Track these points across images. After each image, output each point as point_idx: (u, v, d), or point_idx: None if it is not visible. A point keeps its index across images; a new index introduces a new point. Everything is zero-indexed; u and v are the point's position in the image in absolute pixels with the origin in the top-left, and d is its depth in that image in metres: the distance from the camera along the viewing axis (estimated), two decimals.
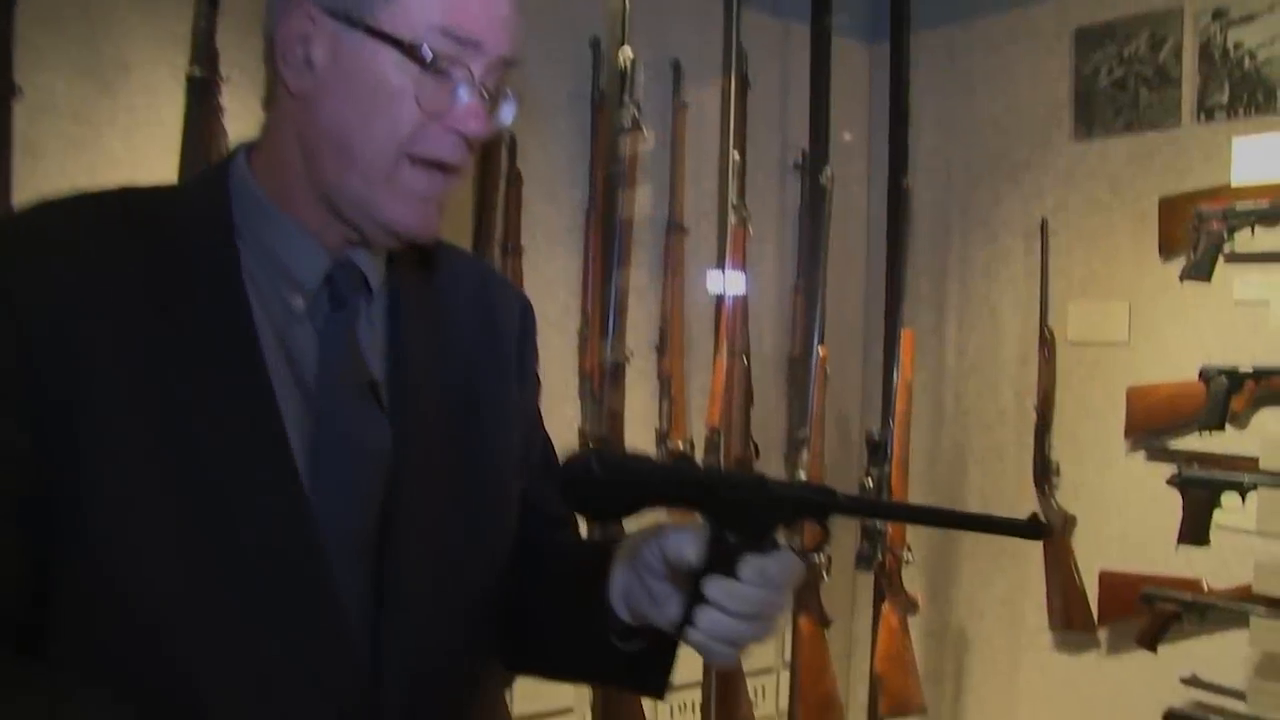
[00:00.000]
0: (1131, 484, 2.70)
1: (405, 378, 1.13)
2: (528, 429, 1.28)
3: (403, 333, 1.15)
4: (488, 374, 1.22)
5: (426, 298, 1.19)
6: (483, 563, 1.20)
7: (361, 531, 1.08)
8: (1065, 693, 2.85)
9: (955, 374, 3.09)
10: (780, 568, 1.04)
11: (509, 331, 1.27)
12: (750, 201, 2.87)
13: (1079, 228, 2.81)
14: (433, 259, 1.23)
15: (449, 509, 1.14)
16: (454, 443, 1.16)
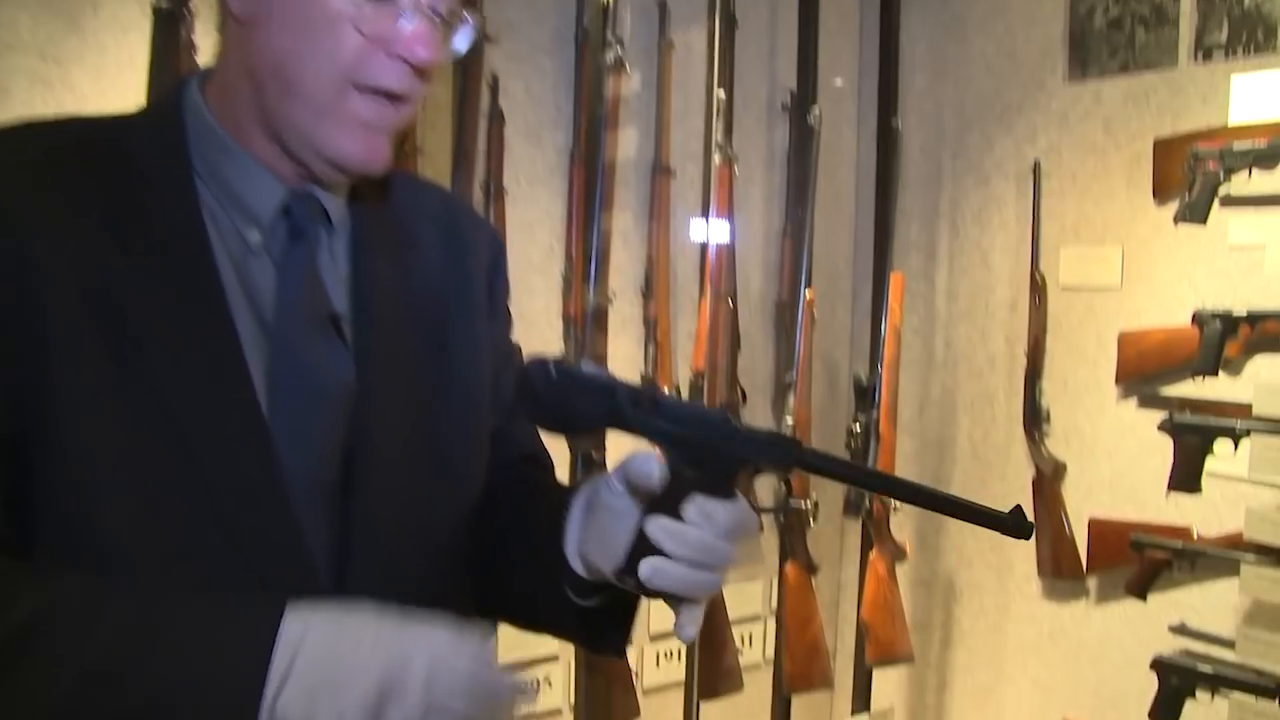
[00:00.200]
0: (1122, 430, 2.67)
1: (369, 311, 1.10)
2: (499, 364, 1.25)
3: (366, 265, 1.12)
4: (456, 307, 1.19)
5: (391, 229, 1.16)
6: (452, 502, 1.17)
7: (326, 469, 1.05)
8: (1054, 641, 2.83)
9: (945, 319, 3.05)
10: (729, 515, 1.00)
11: (477, 263, 1.23)
12: (738, 144, 2.81)
13: (1072, 171, 2.76)
14: (397, 190, 1.19)
15: (416, 446, 1.11)
16: (421, 377, 1.13)
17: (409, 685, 0.90)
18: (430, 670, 0.91)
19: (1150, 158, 2.57)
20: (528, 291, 2.54)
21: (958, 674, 3.05)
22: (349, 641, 0.91)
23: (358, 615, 0.93)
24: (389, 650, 0.91)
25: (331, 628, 0.91)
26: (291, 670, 0.89)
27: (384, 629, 0.92)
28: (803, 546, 2.57)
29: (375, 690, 0.89)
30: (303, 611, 0.92)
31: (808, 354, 2.56)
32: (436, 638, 0.93)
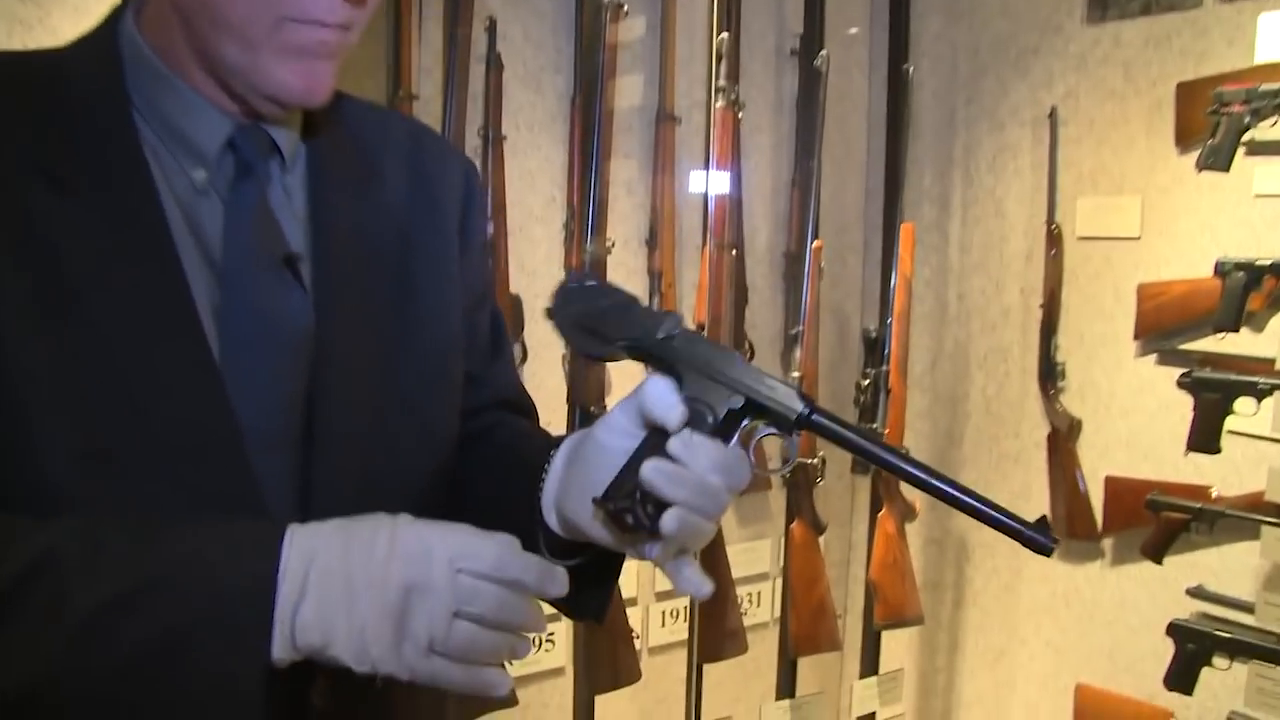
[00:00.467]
0: (1140, 386, 2.58)
1: (328, 249, 1.03)
2: (473, 304, 1.18)
3: (325, 201, 1.05)
4: (424, 243, 1.11)
5: (352, 162, 1.08)
6: (422, 453, 1.10)
7: (285, 420, 0.99)
8: (1068, 603, 2.76)
9: (958, 271, 2.96)
10: (721, 456, 0.93)
11: (448, 195, 1.15)
12: (745, 91, 2.72)
13: (1090, 117, 2.65)
14: (358, 119, 1.12)
15: (382, 393, 1.05)
16: (386, 320, 1.06)
17: (434, 580, 0.85)
18: (454, 560, 0.86)
19: (1172, 103, 2.47)
20: (528, 241, 2.47)
21: (969, 635, 2.99)
22: (362, 546, 0.86)
23: (369, 520, 0.88)
24: (408, 548, 0.86)
25: (342, 535, 0.87)
26: (307, 584, 0.84)
27: (399, 529, 0.87)
28: (809, 505, 2.50)
29: (398, 592, 0.84)
30: (308, 526, 0.88)
31: (815, 306, 2.47)
32: (456, 530, 0.88)
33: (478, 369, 1.18)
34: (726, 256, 2.37)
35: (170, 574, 0.85)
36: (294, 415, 0.99)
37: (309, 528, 0.88)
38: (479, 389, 1.19)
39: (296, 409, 0.99)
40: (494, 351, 1.23)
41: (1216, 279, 2.22)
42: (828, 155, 2.96)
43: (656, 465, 0.91)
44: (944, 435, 3.00)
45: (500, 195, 2.32)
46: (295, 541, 0.86)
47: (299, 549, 0.85)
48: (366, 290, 1.05)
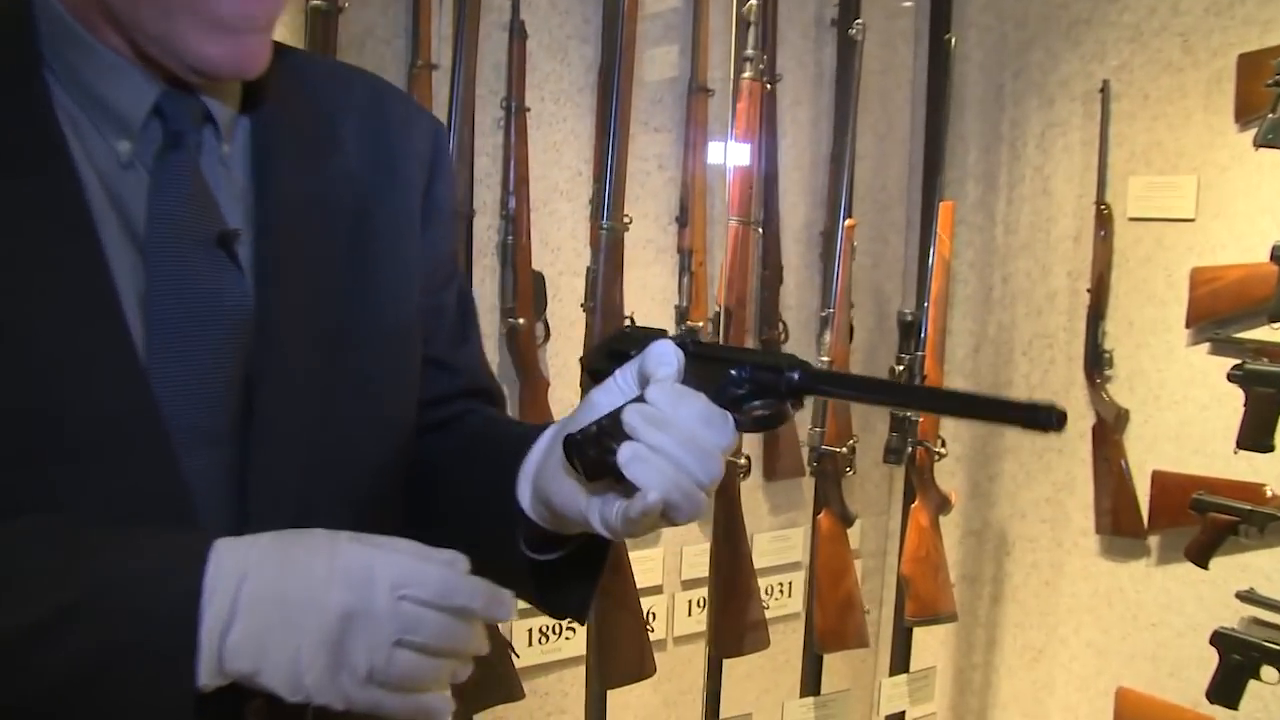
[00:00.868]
0: (1192, 377, 2.45)
1: (273, 225, 0.94)
2: (438, 282, 1.09)
3: (270, 174, 0.96)
4: (383, 218, 1.02)
5: (305, 127, 0.99)
6: (376, 448, 1.01)
7: (218, 414, 0.90)
8: (1110, 602, 2.64)
9: (1003, 252, 2.83)
10: (704, 407, 0.85)
11: (412, 162, 1.06)
12: (784, 63, 2.63)
13: (1144, 91, 2.51)
14: (313, 80, 1.03)
15: (330, 383, 0.96)
16: (336, 302, 0.97)
17: (376, 607, 0.78)
18: (396, 585, 0.79)
19: (1233, 76, 2.33)
20: (553, 216, 2.39)
21: (1007, 632, 2.87)
22: (299, 568, 0.79)
23: (307, 537, 0.81)
24: (349, 572, 0.79)
25: (277, 554, 0.80)
26: (236, 607, 0.77)
27: (339, 549, 0.80)
28: (837, 495, 2.40)
29: (336, 619, 0.77)
30: (239, 541, 0.80)
31: (846, 287, 2.37)
32: (400, 550, 0.82)
33: (444, 353, 1.10)
34: (752, 234, 2.27)
35: (91, 598, 0.77)
36: (229, 408, 0.90)
37: (239, 543, 0.80)
38: (445, 376, 1.11)
39: (232, 401, 0.91)
40: (461, 334, 1.15)
41: (1274, 265, 2.07)
42: (870, 130, 2.86)
43: (638, 407, 0.85)
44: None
45: (523, 168, 2.25)
46: (223, 559, 0.79)
47: (227, 567, 0.78)
48: (315, 268, 0.96)
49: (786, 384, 0.89)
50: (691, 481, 0.84)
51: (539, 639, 2.42)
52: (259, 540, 0.81)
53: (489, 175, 2.28)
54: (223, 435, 0.90)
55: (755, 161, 2.32)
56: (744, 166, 2.27)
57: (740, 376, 0.89)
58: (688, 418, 0.84)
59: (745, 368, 0.90)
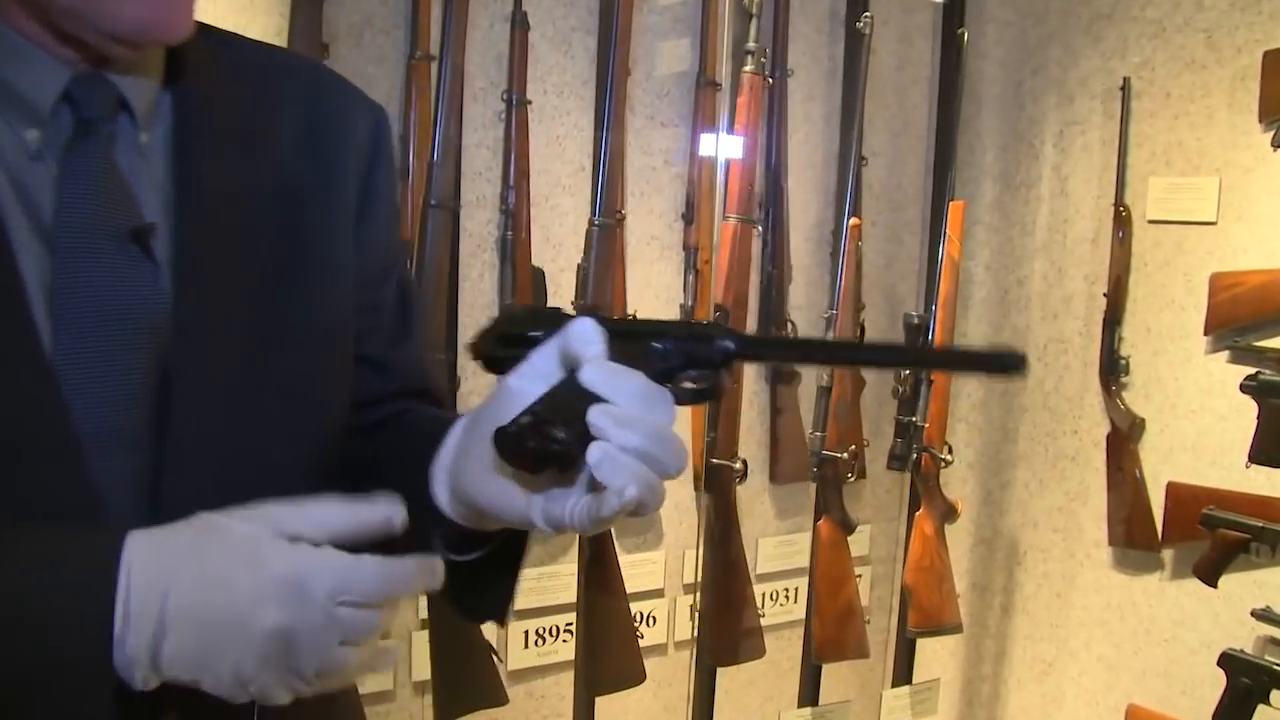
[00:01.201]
0: (1210, 386, 2.37)
1: (195, 219, 0.89)
2: (375, 275, 1.04)
3: (194, 162, 0.90)
4: (315, 211, 0.97)
5: (234, 114, 0.94)
6: (299, 448, 0.95)
7: (130, 414, 0.85)
8: (1123, 616, 2.56)
9: (1019, 254, 2.75)
10: (642, 384, 0.80)
11: (349, 152, 1.01)
12: (796, 58, 2.56)
13: (1166, 89, 2.43)
14: (243, 64, 0.97)
15: (253, 381, 0.91)
16: (264, 296, 0.92)
17: (313, 621, 0.75)
18: (333, 593, 0.75)
19: (1258, 73, 2.25)
20: (555, 211, 2.34)
21: (1017, 644, 2.80)
22: (222, 584, 0.74)
23: (224, 539, 0.77)
24: (278, 584, 0.75)
25: (196, 563, 0.75)
26: (165, 624, 0.73)
27: (265, 558, 0.76)
28: (838, 501, 2.33)
29: (271, 637, 0.74)
30: (150, 544, 0.75)
31: (851, 287, 2.31)
32: (329, 555, 0.77)
33: (380, 352, 1.05)
34: (752, 233, 2.21)
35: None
36: (142, 411, 0.85)
37: (153, 545, 0.75)
38: (381, 375, 1.05)
39: (147, 403, 0.86)
40: (400, 332, 1.09)
41: None
42: (885, 127, 2.79)
43: (604, 408, 0.79)
44: (998, 430, 2.80)
45: (524, 162, 2.20)
46: (138, 571, 0.74)
47: (146, 580, 0.73)
48: (239, 264, 0.91)
49: (720, 353, 0.86)
50: (659, 476, 0.80)
51: (535, 641, 2.38)
52: (174, 540, 0.76)
53: (489, 169, 2.23)
54: (137, 438, 0.85)
55: (754, 157, 2.25)
56: (744, 163, 2.20)
57: (668, 349, 0.85)
58: (628, 398, 0.79)
59: (672, 340, 0.86)
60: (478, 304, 2.20)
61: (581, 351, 0.81)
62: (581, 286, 2.15)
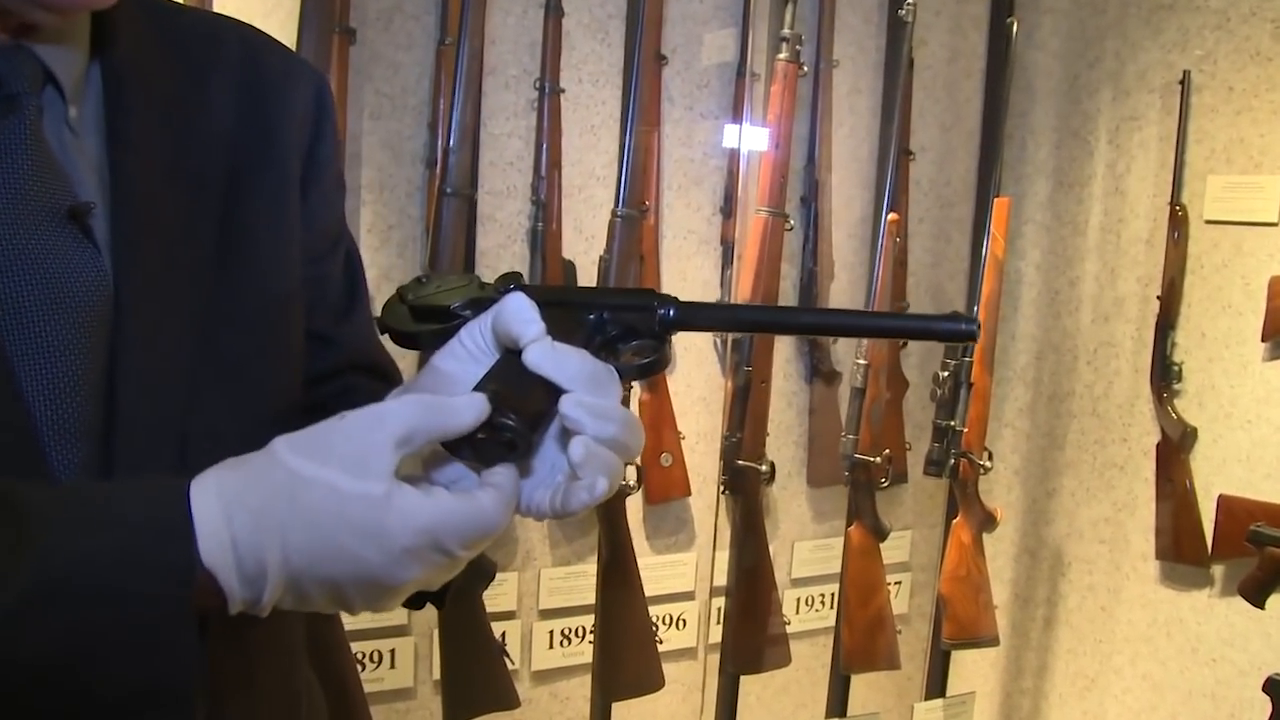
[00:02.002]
0: (1267, 395, 2.27)
1: (131, 195, 0.84)
2: (321, 249, 0.99)
3: (128, 135, 0.85)
4: (258, 179, 0.93)
5: (168, 84, 0.89)
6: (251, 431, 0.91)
7: (77, 402, 0.81)
8: (1169, 633, 2.46)
9: (1070, 254, 2.65)
10: (590, 364, 0.77)
11: (290, 121, 0.96)
12: (842, 49, 2.49)
13: (1228, 84, 2.33)
14: (179, 30, 0.92)
15: (201, 363, 0.86)
16: (207, 274, 0.88)
17: (442, 565, 0.73)
18: (466, 541, 0.72)
19: None
20: (588, 203, 2.29)
21: (1059, 658, 2.71)
22: (349, 553, 0.70)
23: (327, 497, 0.71)
24: (409, 552, 0.71)
25: (309, 531, 0.70)
26: (291, 576, 0.71)
27: (384, 522, 0.71)
28: (870, 507, 2.26)
29: (406, 588, 0.73)
30: (233, 518, 0.70)
31: (886, 284, 2.23)
32: (444, 503, 0.73)
33: (327, 327, 1.01)
34: (781, 226, 2.14)
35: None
36: (90, 398, 0.82)
37: (241, 514, 0.70)
38: (328, 350, 1.01)
39: (95, 391, 0.82)
40: (348, 305, 1.05)
41: None
42: (935, 122, 2.71)
43: (576, 399, 0.76)
44: (1044, 435, 2.71)
45: (555, 152, 2.16)
46: (243, 541, 0.70)
47: (255, 544, 0.70)
48: (181, 242, 0.87)
49: (660, 321, 0.82)
50: (625, 461, 0.79)
51: (560, 642, 2.34)
52: (263, 492, 0.70)
53: (520, 158, 2.19)
54: (88, 427, 0.81)
55: (787, 149, 2.18)
56: (775, 154, 2.13)
57: (605, 320, 0.83)
58: (577, 378, 0.76)
59: (609, 310, 0.82)
60: None
61: (521, 331, 0.78)
62: (603, 278, 2.09)
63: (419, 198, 2.12)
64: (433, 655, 2.20)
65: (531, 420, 0.76)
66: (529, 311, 0.78)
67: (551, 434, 0.80)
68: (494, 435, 0.74)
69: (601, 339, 0.83)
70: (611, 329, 0.83)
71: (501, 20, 2.15)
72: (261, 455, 0.73)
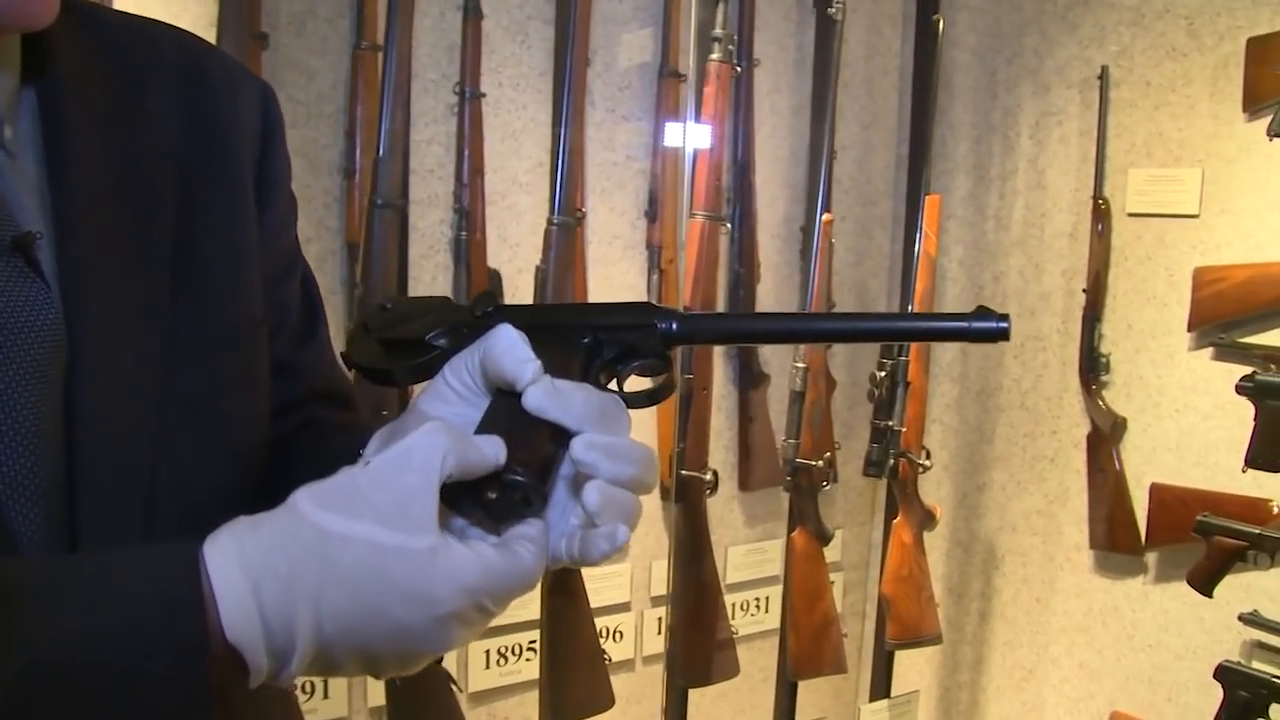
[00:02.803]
0: (1194, 384, 2.30)
1: (76, 221, 0.77)
2: (278, 270, 0.93)
3: (67, 157, 0.78)
4: (209, 196, 0.85)
5: (108, 97, 0.81)
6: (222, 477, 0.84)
7: (36, 456, 0.73)
8: (1105, 622, 2.49)
9: (994, 249, 2.67)
10: (598, 400, 0.72)
11: (240, 132, 0.89)
12: (763, 47, 2.47)
13: (1146, 78, 2.35)
14: (115, 38, 0.84)
15: (160, 407, 0.79)
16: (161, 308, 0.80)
17: (483, 622, 0.68)
18: (506, 598, 0.68)
19: (1241, 61, 2.18)
20: (511, 210, 2.23)
21: (996, 651, 2.72)
22: (392, 619, 0.65)
23: (363, 556, 0.64)
24: (453, 617, 0.66)
25: (344, 591, 0.64)
26: (324, 642, 0.65)
27: (430, 589, 0.65)
28: (813, 511, 2.24)
29: (447, 648, 0.68)
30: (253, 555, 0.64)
31: (823, 286, 2.21)
32: (488, 559, 0.67)
33: (287, 354, 0.94)
34: (719, 230, 2.10)
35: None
36: (47, 449, 0.74)
37: (269, 582, 0.63)
38: (289, 379, 0.94)
39: (50, 440, 0.74)
40: (307, 330, 0.98)
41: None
42: (855, 120, 2.70)
43: (589, 439, 0.70)
44: (973, 430, 2.72)
45: (478, 159, 2.09)
46: (270, 608, 0.63)
47: (280, 607, 0.63)
48: (134, 268, 0.79)
49: (663, 338, 0.77)
50: (631, 496, 0.73)
51: (496, 661, 2.28)
52: (292, 555, 0.63)
53: (441, 165, 2.12)
54: (50, 483, 0.74)
55: (721, 151, 2.14)
56: (711, 157, 2.10)
57: (601, 342, 0.77)
58: (585, 418, 0.71)
59: (603, 330, 0.77)
60: None
61: (516, 373, 0.72)
62: (540, 289, 2.03)
63: (337, 209, 2.04)
64: (366, 683, 2.12)
65: (541, 470, 0.70)
66: (521, 348, 0.72)
67: (561, 474, 0.74)
68: (504, 493, 0.68)
69: (600, 363, 0.77)
70: (609, 351, 0.77)
71: (418, 23, 2.06)
72: (283, 512, 0.66)
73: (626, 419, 0.73)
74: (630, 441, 0.72)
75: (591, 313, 0.79)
